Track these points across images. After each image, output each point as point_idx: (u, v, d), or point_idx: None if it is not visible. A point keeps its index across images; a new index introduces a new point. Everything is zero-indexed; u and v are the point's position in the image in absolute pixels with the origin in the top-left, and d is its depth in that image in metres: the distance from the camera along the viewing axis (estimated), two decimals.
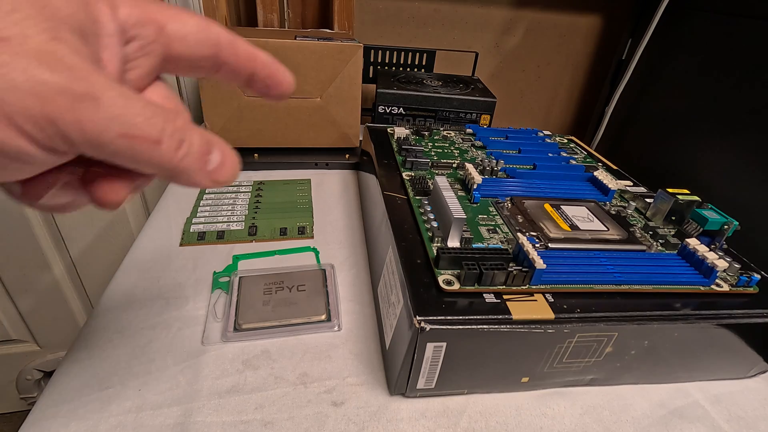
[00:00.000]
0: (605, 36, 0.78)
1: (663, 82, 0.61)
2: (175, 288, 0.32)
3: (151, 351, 0.27)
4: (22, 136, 0.11)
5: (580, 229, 0.30)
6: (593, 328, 0.24)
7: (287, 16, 0.68)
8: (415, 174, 0.37)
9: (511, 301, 0.24)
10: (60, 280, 0.76)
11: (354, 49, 0.48)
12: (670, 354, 0.26)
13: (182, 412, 0.24)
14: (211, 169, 0.14)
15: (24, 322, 0.79)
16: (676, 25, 0.58)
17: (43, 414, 0.23)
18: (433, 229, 0.28)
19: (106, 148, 0.12)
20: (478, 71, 0.71)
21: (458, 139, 0.46)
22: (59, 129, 0.11)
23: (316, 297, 0.32)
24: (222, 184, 0.15)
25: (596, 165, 0.43)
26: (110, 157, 0.12)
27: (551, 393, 0.27)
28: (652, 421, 0.26)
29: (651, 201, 0.34)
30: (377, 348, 0.29)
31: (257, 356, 0.28)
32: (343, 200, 0.46)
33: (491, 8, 0.74)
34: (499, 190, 0.35)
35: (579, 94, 0.84)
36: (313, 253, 0.38)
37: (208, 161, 0.14)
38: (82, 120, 0.11)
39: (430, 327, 0.22)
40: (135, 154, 0.12)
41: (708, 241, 0.30)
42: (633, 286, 0.26)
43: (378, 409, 0.25)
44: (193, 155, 0.14)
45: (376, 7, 0.72)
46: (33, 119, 0.11)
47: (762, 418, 0.27)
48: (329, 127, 0.52)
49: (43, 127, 0.11)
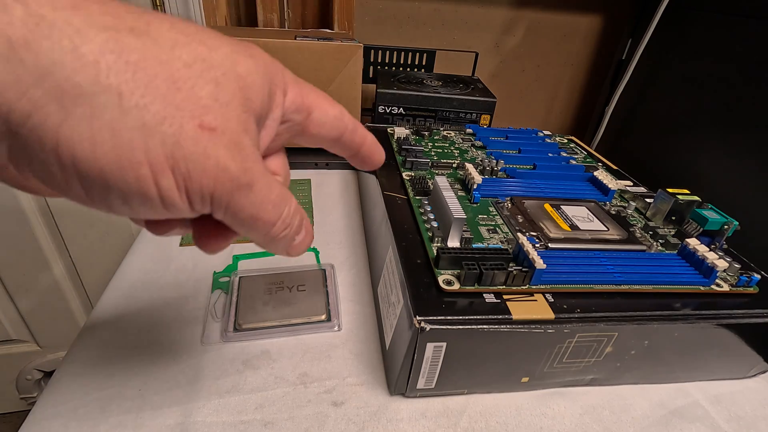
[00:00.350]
0: (605, 36, 0.78)
1: (663, 82, 0.61)
2: (175, 288, 0.32)
3: (151, 351, 0.27)
4: (185, 199, 0.13)
5: (580, 229, 0.30)
6: (593, 328, 0.24)
7: (287, 16, 0.68)
8: (415, 174, 0.37)
9: (511, 301, 0.24)
10: (60, 280, 0.76)
11: (354, 49, 0.48)
12: (670, 354, 0.26)
13: (182, 412, 0.24)
14: (293, 245, 0.17)
15: (24, 322, 0.79)
16: (676, 25, 0.58)
17: (43, 414, 0.23)
18: (433, 229, 0.28)
19: (235, 219, 0.14)
20: (478, 71, 0.71)
21: (458, 139, 0.46)
22: (213, 201, 0.13)
23: (316, 297, 0.32)
24: (291, 256, 0.17)
25: (596, 165, 0.43)
26: (232, 224, 0.15)
27: (551, 393, 0.27)
28: (652, 421, 0.26)
29: (651, 201, 0.34)
30: (377, 348, 0.29)
31: (257, 356, 0.28)
32: (343, 200, 0.46)
33: (491, 8, 0.74)
34: (499, 190, 0.35)
35: (579, 94, 0.84)
36: (313, 253, 0.38)
37: (294, 239, 0.16)
38: (232, 201, 0.13)
39: (430, 327, 0.22)
40: (253, 227, 0.15)
41: (708, 241, 0.30)
42: (633, 286, 0.26)
43: (378, 409, 0.25)
44: (289, 236, 0.16)
45: (376, 7, 0.72)
46: (201, 191, 0.13)
47: (762, 418, 0.27)
48: None
49: (204, 197, 0.13)
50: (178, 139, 0.12)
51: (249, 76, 0.14)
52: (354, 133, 0.19)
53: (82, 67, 0.10)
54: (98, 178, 0.11)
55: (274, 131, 0.16)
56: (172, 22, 0.13)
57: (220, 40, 0.14)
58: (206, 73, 0.13)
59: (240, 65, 0.14)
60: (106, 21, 0.11)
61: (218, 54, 0.13)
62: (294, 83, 0.16)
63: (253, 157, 0.14)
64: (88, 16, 0.11)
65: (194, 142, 0.12)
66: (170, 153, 0.12)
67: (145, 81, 0.11)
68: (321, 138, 0.18)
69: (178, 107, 0.12)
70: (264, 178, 0.14)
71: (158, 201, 0.12)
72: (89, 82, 0.11)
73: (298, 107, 0.16)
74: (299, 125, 0.17)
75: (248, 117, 0.14)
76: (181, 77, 0.12)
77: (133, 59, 0.11)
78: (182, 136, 0.12)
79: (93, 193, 0.12)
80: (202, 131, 0.12)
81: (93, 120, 0.11)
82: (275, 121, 0.16)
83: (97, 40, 0.11)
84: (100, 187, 0.12)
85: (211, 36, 0.13)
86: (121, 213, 0.13)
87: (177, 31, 0.13)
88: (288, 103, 0.16)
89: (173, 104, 0.12)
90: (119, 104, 0.11)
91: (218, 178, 0.13)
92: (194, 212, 0.14)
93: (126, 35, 0.11)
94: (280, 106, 0.16)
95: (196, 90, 0.12)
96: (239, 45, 0.14)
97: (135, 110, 0.11)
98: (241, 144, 0.13)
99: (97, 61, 0.11)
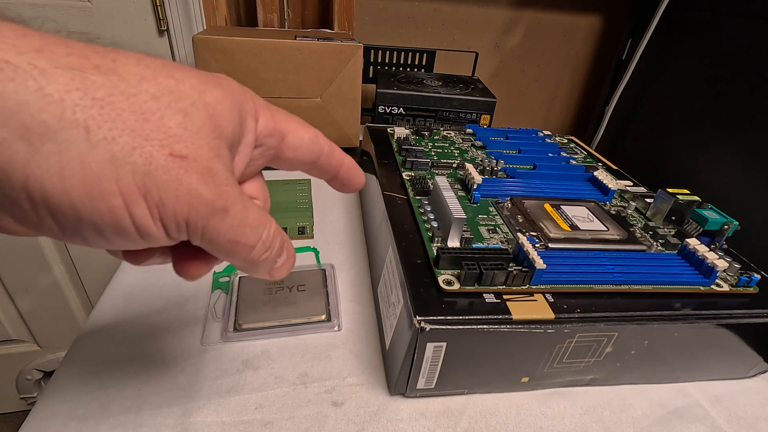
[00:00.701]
0: (605, 36, 0.78)
1: (663, 82, 0.61)
2: (175, 288, 0.32)
3: (151, 351, 0.27)
4: (160, 227, 0.13)
5: (580, 229, 0.30)
6: (593, 328, 0.24)
7: (287, 16, 0.68)
8: (415, 174, 0.37)
9: (511, 301, 0.24)
10: (60, 280, 0.77)
11: (354, 49, 0.48)
12: (670, 354, 0.26)
13: (182, 412, 0.24)
14: (275, 267, 0.17)
15: (24, 322, 0.79)
16: (676, 25, 0.58)
17: (43, 414, 0.23)
18: (433, 229, 0.28)
19: (212, 244, 0.14)
20: (478, 71, 0.71)
21: (458, 139, 0.46)
22: (189, 227, 0.13)
23: (316, 297, 0.32)
24: (274, 279, 0.18)
25: (596, 165, 0.43)
26: (210, 250, 0.15)
27: (551, 393, 0.27)
28: (652, 421, 0.26)
29: (651, 201, 0.34)
30: (377, 348, 0.29)
31: (257, 356, 0.28)
32: (343, 200, 0.46)
33: (491, 8, 0.74)
34: (499, 190, 0.35)
35: (579, 94, 0.85)
36: (313, 253, 0.38)
37: (276, 262, 0.17)
38: (208, 226, 0.14)
39: (430, 327, 0.22)
40: (231, 252, 0.15)
41: (708, 241, 0.30)
42: (633, 286, 0.26)
43: (378, 409, 0.25)
44: (270, 259, 0.16)
45: (376, 7, 0.72)
46: (176, 219, 0.13)
47: (762, 418, 0.27)
48: (329, 127, 0.52)
49: (179, 224, 0.13)
50: (149, 168, 0.12)
51: (218, 104, 0.14)
52: (330, 156, 0.19)
53: (48, 105, 0.11)
54: (69, 210, 0.12)
55: (248, 156, 0.16)
56: (139, 58, 0.13)
57: (187, 72, 0.14)
58: (174, 104, 0.13)
59: (208, 94, 0.14)
60: (70, 61, 0.11)
61: (185, 85, 0.13)
62: (266, 109, 0.17)
63: (226, 182, 0.14)
64: (52, 58, 0.11)
65: (165, 170, 0.12)
66: (142, 182, 0.12)
67: (113, 115, 0.12)
68: (297, 162, 0.18)
69: (147, 138, 0.12)
70: (240, 202, 0.14)
71: (133, 230, 0.13)
72: (55, 119, 0.11)
73: (271, 131, 0.17)
74: (274, 149, 0.17)
75: (220, 143, 0.14)
76: (149, 109, 0.12)
77: (99, 95, 0.11)
78: (153, 165, 0.12)
79: (66, 227, 0.12)
80: (173, 159, 0.12)
81: (61, 155, 0.11)
82: (248, 146, 0.16)
83: (62, 79, 0.11)
84: (72, 220, 0.12)
85: (179, 69, 0.14)
86: (97, 245, 0.13)
87: (143, 66, 0.13)
88: (260, 128, 0.16)
89: (142, 135, 0.12)
90: (87, 138, 0.11)
91: (192, 204, 0.13)
92: (171, 240, 0.14)
93: (92, 73, 0.12)
94: (252, 131, 0.16)
95: (165, 120, 0.12)
96: (207, 75, 0.15)
97: (103, 143, 0.11)
98: (213, 170, 0.13)
99: (63, 99, 0.11)
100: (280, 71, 0.48)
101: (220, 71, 0.46)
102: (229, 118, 0.14)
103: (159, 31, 0.61)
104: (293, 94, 0.49)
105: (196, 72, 0.14)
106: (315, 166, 0.19)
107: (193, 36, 0.45)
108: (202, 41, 0.45)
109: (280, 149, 0.17)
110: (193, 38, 0.45)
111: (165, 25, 0.61)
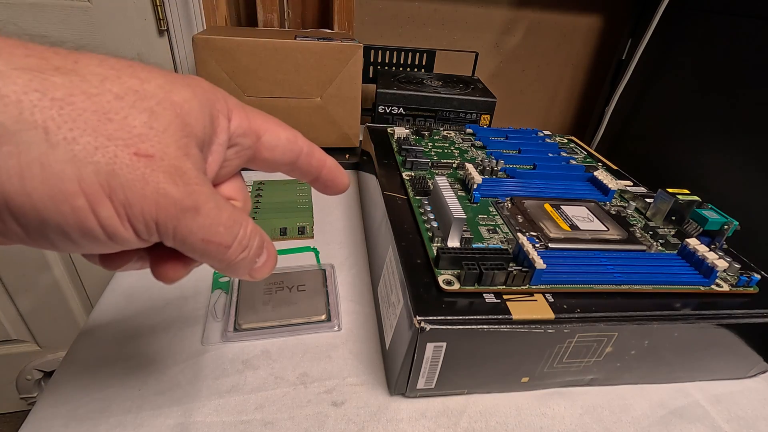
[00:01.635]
0: (605, 36, 0.78)
1: (663, 82, 0.61)
2: (175, 288, 0.32)
3: (151, 351, 0.27)
4: (129, 228, 0.13)
5: (580, 229, 0.30)
6: (593, 328, 0.24)
7: (287, 16, 0.68)
8: (415, 174, 0.37)
9: (511, 301, 0.24)
10: (60, 280, 0.76)
11: (354, 49, 0.48)
12: (670, 354, 0.26)
13: (182, 412, 0.24)
14: (255, 267, 0.16)
15: (24, 322, 0.79)
16: (676, 25, 0.58)
17: (43, 414, 0.23)
18: (433, 229, 0.28)
19: (185, 245, 0.14)
20: (478, 71, 0.71)
21: (458, 139, 0.46)
22: (159, 227, 0.13)
23: (316, 297, 0.32)
24: (255, 280, 0.17)
25: (596, 165, 0.43)
26: (185, 251, 0.14)
27: (551, 393, 0.27)
28: (652, 421, 0.26)
29: (651, 201, 0.34)
30: (377, 348, 0.29)
31: (257, 356, 0.28)
32: (343, 200, 0.46)
33: (491, 8, 0.74)
34: (499, 190, 0.35)
35: (579, 94, 0.85)
36: (313, 253, 0.38)
37: (256, 262, 0.16)
38: (179, 226, 0.13)
39: (430, 327, 0.22)
40: (206, 252, 0.14)
41: (708, 241, 0.30)
42: (633, 286, 0.26)
43: (378, 409, 0.25)
44: (248, 258, 0.16)
45: (376, 7, 0.72)
46: (144, 218, 0.13)
47: (762, 418, 0.27)
48: (329, 127, 0.52)
49: (148, 224, 0.13)
50: (113, 168, 0.12)
51: (185, 102, 0.14)
52: (310, 157, 0.19)
53: (5, 107, 0.11)
54: (32, 212, 0.11)
55: (221, 156, 0.16)
56: (102, 59, 0.13)
57: (153, 72, 0.14)
58: (139, 103, 0.13)
59: (175, 93, 0.14)
60: (29, 63, 0.11)
61: (151, 85, 0.13)
62: (239, 108, 0.17)
63: (197, 181, 0.13)
64: (10, 60, 0.11)
65: (130, 169, 0.12)
66: (105, 182, 0.12)
67: (73, 115, 0.11)
68: (275, 162, 0.18)
69: (111, 137, 0.12)
70: (212, 200, 0.14)
71: (100, 232, 0.12)
72: (12, 121, 0.11)
73: (245, 131, 0.16)
74: (250, 149, 0.17)
75: (189, 142, 0.14)
76: (112, 109, 0.12)
77: (58, 95, 0.11)
78: (117, 164, 0.12)
79: (31, 231, 0.12)
80: (139, 158, 0.12)
81: (20, 156, 0.11)
82: (221, 146, 0.16)
83: (20, 81, 0.11)
84: (36, 223, 0.12)
85: (144, 69, 0.14)
86: (67, 249, 0.13)
87: (107, 66, 0.13)
88: (234, 127, 0.16)
89: (104, 135, 0.12)
90: (46, 139, 0.11)
91: (160, 203, 0.13)
92: (142, 242, 0.13)
93: (51, 74, 0.11)
94: (225, 131, 0.16)
95: (129, 120, 0.12)
96: (175, 75, 0.14)
97: (63, 143, 0.11)
98: (181, 168, 0.13)
99: (20, 100, 0.11)
100: (280, 71, 0.48)
101: (220, 71, 0.46)
102: (199, 117, 0.14)
103: (159, 31, 0.61)
104: (293, 94, 0.49)
105: (163, 72, 0.14)
106: (295, 167, 0.19)
107: (193, 36, 0.45)
108: (202, 41, 0.45)
109: (256, 149, 0.17)
110: (193, 38, 0.45)
111: (165, 25, 0.61)
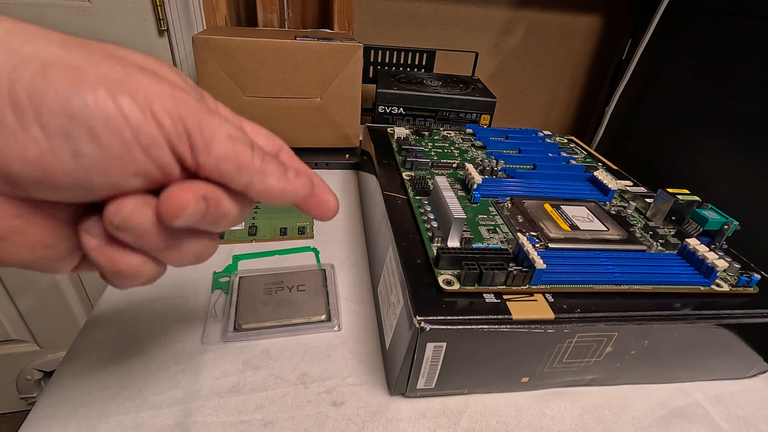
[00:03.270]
0: (605, 36, 0.78)
1: (663, 82, 0.61)
2: (175, 288, 0.32)
3: (151, 351, 0.27)
4: (154, 122, 0.13)
5: (580, 229, 0.30)
6: (593, 328, 0.24)
7: (287, 16, 0.68)
8: (415, 174, 0.37)
9: (511, 301, 0.24)
10: (60, 280, 0.77)
11: (354, 49, 0.48)
12: (670, 354, 0.26)
13: (182, 412, 0.24)
14: (289, 180, 0.16)
15: (24, 322, 0.79)
16: (676, 25, 0.58)
17: (43, 414, 0.23)
18: (433, 229, 0.28)
19: (214, 148, 0.14)
20: (478, 71, 0.71)
21: (458, 139, 0.46)
22: (185, 124, 0.14)
23: (316, 297, 0.32)
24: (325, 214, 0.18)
25: (596, 165, 0.43)
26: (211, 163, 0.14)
27: (551, 393, 0.27)
28: (652, 421, 0.26)
29: (651, 201, 0.34)
30: (377, 348, 0.29)
31: (257, 356, 0.28)
32: (343, 200, 0.46)
33: (491, 8, 0.74)
34: (499, 190, 0.35)
35: (579, 94, 0.85)
36: (313, 253, 0.38)
37: (286, 173, 0.16)
38: (202, 121, 0.14)
39: (430, 327, 0.22)
40: (235, 157, 0.15)
41: (708, 241, 0.30)
42: (633, 286, 0.26)
43: (378, 409, 0.25)
44: (276, 165, 0.16)
45: (376, 7, 0.72)
46: (167, 111, 0.13)
47: (762, 418, 0.27)
48: (329, 127, 0.52)
49: (174, 119, 0.13)
50: (127, 71, 0.13)
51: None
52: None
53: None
54: (55, 103, 0.12)
55: None
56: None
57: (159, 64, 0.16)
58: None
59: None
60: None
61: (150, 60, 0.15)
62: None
63: (210, 100, 0.17)
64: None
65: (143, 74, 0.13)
66: (123, 78, 0.13)
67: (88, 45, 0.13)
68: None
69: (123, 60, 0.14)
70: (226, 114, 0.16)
71: (124, 125, 0.12)
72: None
73: None
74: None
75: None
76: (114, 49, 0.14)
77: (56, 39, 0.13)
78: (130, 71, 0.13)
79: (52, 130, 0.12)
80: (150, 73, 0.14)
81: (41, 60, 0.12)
82: None
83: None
84: (61, 117, 0.12)
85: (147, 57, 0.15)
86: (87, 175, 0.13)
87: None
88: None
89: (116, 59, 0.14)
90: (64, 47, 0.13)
91: (177, 97, 0.14)
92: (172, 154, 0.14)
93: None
94: None
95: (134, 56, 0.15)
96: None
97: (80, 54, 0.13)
98: (185, 89, 0.15)
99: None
100: (280, 71, 0.48)
101: (220, 71, 0.46)
102: None
103: (159, 31, 0.61)
104: (293, 94, 0.49)
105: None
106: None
107: (193, 36, 0.45)
108: (202, 41, 0.45)
109: None
110: (193, 38, 0.45)
111: (165, 25, 0.61)
